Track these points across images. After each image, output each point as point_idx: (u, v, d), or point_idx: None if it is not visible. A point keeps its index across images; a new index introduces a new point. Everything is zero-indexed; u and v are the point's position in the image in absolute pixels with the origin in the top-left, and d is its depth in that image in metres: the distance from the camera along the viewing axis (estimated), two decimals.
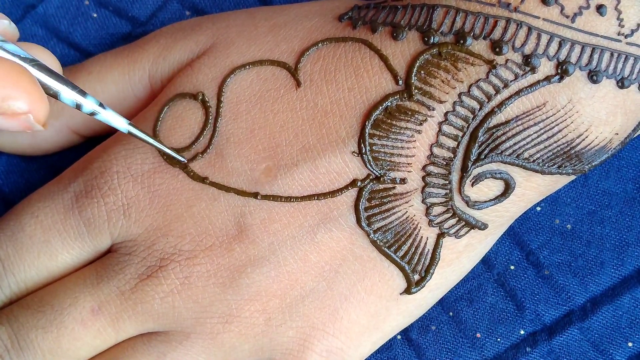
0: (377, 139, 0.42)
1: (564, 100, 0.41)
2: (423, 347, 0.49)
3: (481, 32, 0.41)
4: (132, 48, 0.49)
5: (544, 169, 0.43)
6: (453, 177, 0.43)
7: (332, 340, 0.45)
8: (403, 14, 0.43)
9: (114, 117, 0.41)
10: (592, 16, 0.40)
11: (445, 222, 0.44)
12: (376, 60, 0.43)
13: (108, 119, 0.41)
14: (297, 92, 0.44)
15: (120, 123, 0.42)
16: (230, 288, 0.43)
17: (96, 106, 0.41)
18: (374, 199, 0.43)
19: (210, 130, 0.45)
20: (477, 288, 0.50)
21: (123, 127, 0.42)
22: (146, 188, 0.44)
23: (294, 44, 0.45)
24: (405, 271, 0.44)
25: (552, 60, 0.41)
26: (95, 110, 0.40)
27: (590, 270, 0.49)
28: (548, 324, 0.49)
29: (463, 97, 0.42)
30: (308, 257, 0.43)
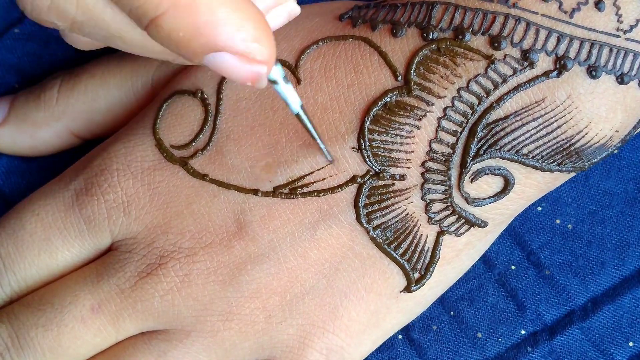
0: (376, 135, 0.42)
1: (563, 96, 0.41)
2: (424, 346, 0.49)
3: (480, 27, 0.41)
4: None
5: (543, 165, 0.43)
6: (452, 173, 0.43)
7: (332, 338, 0.44)
8: (402, 11, 0.43)
9: (291, 93, 0.38)
10: (591, 12, 0.40)
11: (444, 219, 0.44)
12: (376, 56, 0.43)
13: (285, 92, 0.38)
14: (297, 89, 0.44)
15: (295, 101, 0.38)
16: (230, 285, 0.43)
17: (280, 78, 0.37)
18: (373, 196, 0.43)
19: (209, 128, 0.45)
20: (478, 288, 0.49)
21: (295, 108, 0.39)
22: (146, 185, 0.45)
23: (294, 43, 0.45)
24: (405, 269, 0.44)
25: (551, 55, 0.41)
26: (276, 79, 0.37)
27: (591, 270, 0.49)
28: (549, 323, 0.49)
29: (462, 93, 0.42)
30: (308, 254, 0.43)
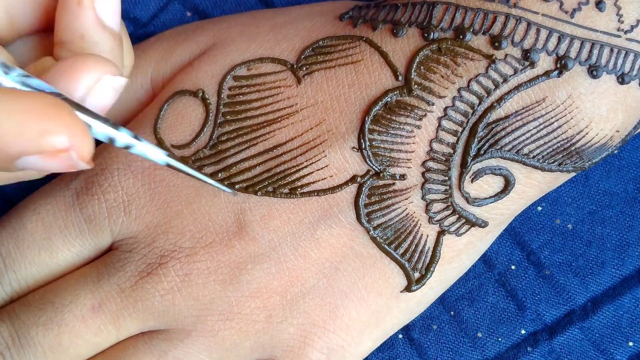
0: (376, 135, 0.42)
1: (564, 96, 0.41)
2: (424, 346, 0.49)
3: (480, 27, 0.41)
4: (134, 53, 0.49)
5: (544, 165, 0.43)
6: (452, 173, 0.43)
7: (333, 337, 0.44)
8: (403, 11, 0.43)
9: (150, 150, 0.37)
10: (591, 12, 0.40)
11: (445, 219, 0.44)
12: (376, 56, 0.43)
13: (144, 151, 0.37)
14: (297, 88, 0.44)
15: (158, 155, 0.37)
16: (230, 285, 0.43)
17: (131, 139, 0.36)
18: (373, 195, 0.43)
19: (210, 127, 0.45)
20: (478, 288, 0.50)
21: (161, 159, 0.37)
22: (147, 185, 0.45)
23: (294, 42, 0.45)
24: (405, 269, 0.44)
25: (552, 55, 0.41)
26: (129, 143, 0.36)
27: (591, 270, 0.49)
28: (549, 323, 0.49)
29: (462, 92, 0.42)
30: (308, 253, 0.43)
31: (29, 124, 0.32)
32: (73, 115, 0.33)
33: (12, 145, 0.32)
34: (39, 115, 0.32)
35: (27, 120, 0.32)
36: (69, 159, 0.33)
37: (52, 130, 0.32)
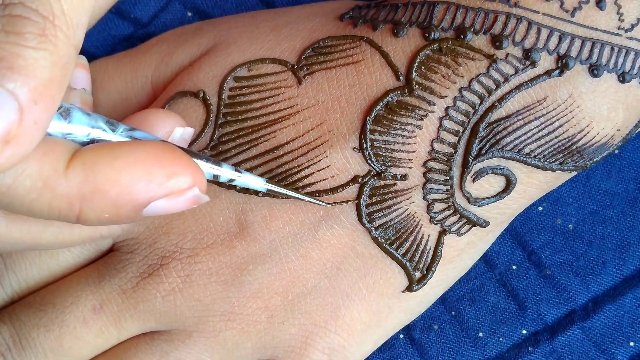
0: (378, 135, 0.42)
1: (565, 95, 0.41)
2: (426, 346, 0.49)
3: (481, 27, 0.41)
4: (134, 55, 0.50)
5: (545, 165, 0.43)
6: (454, 172, 0.43)
7: (334, 338, 0.44)
8: (404, 11, 0.43)
9: (251, 179, 0.40)
10: (592, 10, 0.40)
11: (446, 219, 0.44)
12: (377, 56, 0.43)
13: (246, 182, 0.40)
14: (298, 89, 0.44)
15: (259, 183, 0.40)
16: (232, 286, 0.43)
17: (234, 173, 0.39)
18: (375, 196, 0.43)
19: (211, 128, 0.45)
20: (479, 288, 0.49)
21: (262, 186, 0.40)
22: None
23: (295, 43, 0.45)
24: (406, 269, 0.44)
25: (553, 54, 0.41)
26: (232, 177, 0.39)
27: (592, 270, 0.49)
28: (550, 323, 0.49)
29: (464, 92, 0.42)
30: (310, 254, 0.43)
31: (155, 170, 0.34)
32: (188, 156, 0.35)
33: (142, 192, 0.34)
34: (162, 160, 0.34)
35: (153, 167, 0.34)
36: (194, 196, 0.36)
37: (177, 172, 0.35)
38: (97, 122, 0.36)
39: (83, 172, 0.34)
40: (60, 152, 0.34)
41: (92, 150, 0.34)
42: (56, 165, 0.34)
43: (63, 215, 0.34)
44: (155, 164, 0.34)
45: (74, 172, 0.34)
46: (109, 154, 0.34)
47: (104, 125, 0.36)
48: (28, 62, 0.31)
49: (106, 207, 0.34)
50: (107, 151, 0.34)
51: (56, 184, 0.34)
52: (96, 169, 0.34)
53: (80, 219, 0.35)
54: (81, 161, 0.34)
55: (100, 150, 0.34)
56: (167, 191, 0.35)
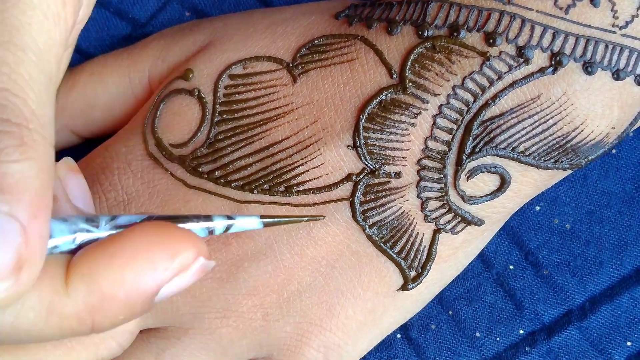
0: (371, 133, 0.43)
1: (559, 93, 0.41)
2: (423, 346, 0.49)
3: (475, 24, 0.41)
4: (132, 50, 0.50)
5: (539, 163, 0.43)
6: (448, 171, 0.43)
7: (329, 336, 0.44)
8: (398, 9, 0.44)
9: (246, 222, 0.38)
10: (586, 8, 0.40)
11: (441, 217, 0.44)
12: (371, 55, 0.43)
13: (243, 226, 0.38)
14: (293, 87, 0.44)
15: (253, 223, 0.38)
16: (227, 283, 0.43)
17: (228, 221, 0.37)
18: (369, 194, 0.43)
19: (207, 126, 0.45)
20: (476, 287, 0.49)
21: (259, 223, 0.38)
22: (146, 183, 0.45)
23: (290, 41, 0.45)
24: (401, 267, 0.44)
25: (546, 52, 0.41)
26: (228, 225, 0.37)
27: (589, 269, 0.49)
28: (547, 323, 0.49)
29: (457, 90, 0.42)
30: (304, 251, 0.43)
31: (156, 256, 0.33)
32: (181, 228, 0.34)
33: (150, 283, 0.33)
34: (160, 243, 0.33)
35: (153, 254, 0.33)
36: (201, 265, 0.34)
37: (178, 250, 0.33)
38: (77, 225, 0.34)
39: (85, 285, 0.32)
40: (54, 271, 0.32)
41: (85, 258, 0.33)
42: (55, 287, 0.32)
43: (76, 332, 0.33)
44: (154, 249, 0.33)
45: (76, 288, 0.32)
46: (104, 256, 0.33)
47: (86, 225, 0.34)
48: (16, 178, 0.29)
49: (118, 309, 0.33)
50: (101, 254, 0.33)
51: (61, 306, 0.32)
52: (97, 277, 0.32)
53: (95, 329, 0.33)
54: (79, 274, 0.32)
55: (94, 255, 0.33)
56: (175, 272, 0.33)
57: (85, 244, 0.34)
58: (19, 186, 0.29)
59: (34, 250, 0.30)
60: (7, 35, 0.31)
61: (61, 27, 0.33)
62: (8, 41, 0.31)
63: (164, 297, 0.34)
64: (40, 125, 0.31)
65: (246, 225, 0.38)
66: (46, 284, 0.32)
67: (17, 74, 0.31)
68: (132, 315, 0.34)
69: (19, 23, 0.32)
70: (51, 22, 0.33)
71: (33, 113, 0.31)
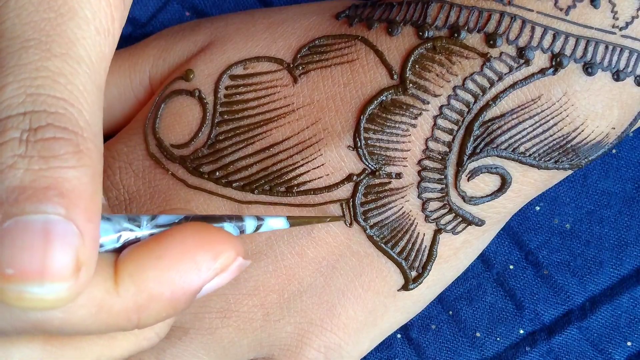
0: (372, 133, 0.43)
1: (559, 93, 0.41)
2: (423, 346, 0.49)
3: (475, 25, 0.41)
4: (132, 51, 0.50)
5: (540, 163, 0.43)
6: (449, 171, 0.43)
7: (330, 336, 0.45)
8: (398, 10, 0.44)
9: (274, 222, 0.39)
10: (586, 9, 0.40)
11: (441, 217, 0.44)
12: (372, 55, 0.43)
13: (271, 225, 0.39)
14: (293, 88, 0.44)
15: (281, 223, 0.40)
16: (228, 283, 0.43)
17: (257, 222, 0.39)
18: (370, 194, 0.43)
19: (208, 127, 0.45)
20: (476, 287, 0.49)
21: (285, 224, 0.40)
22: (147, 183, 0.45)
23: (291, 41, 0.45)
24: (402, 267, 0.44)
25: (547, 53, 0.41)
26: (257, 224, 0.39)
27: (589, 269, 0.49)
28: (547, 323, 0.49)
29: (458, 91, 0.42)
30: (305, 252, 0.43)
31: (200, 257, 0.34)
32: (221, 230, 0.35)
33: (194, 282, 0.34)
34: (203, 245, 0.34)
35: (197, 255, 0.34)
36: (240, 265, 0.35)
37: (220, 251, 0.34)
38: (121, 225, 0.35)
39: (134, 285, 0.33)
40: (103, 270, 0.33)
41: (133, 258, 0.34)
42: (106, 286, 0.33)
43: (122, 328, 0.34)
44: (198, 251, 0.34)
45: (125, 287, 0.33)
46: (151, 256, 0.34)
47: (129, 225, 0.35)
48: (73, 183, 0.31)
49: (163, 307, 0.34)
50: (148, 254, 0.34)
51: (111, 304, 0.33)
52: (145, 277, 0.33)
53: (139, 326, 0.34)
54: (128, 273, 0.33)
55: (141, 255, 0.34)
56: (217, 272, 0.34)
57: (128, 243, 0.35)
58: (75, 191, 0.31)
59: (90, 252, 0.31)
60: (65, 48, 0.32)
61: (110, 41, 0.35)
62: (65, 53, 0.32)
63: (204, 294, 0.35)
64: (93, 134, 0.32)
65: (274, 224, 0.39)
66: (97, 282, 0.33)
67: (72, 85, 0.32)
68: (175, 313, 0.35)
69: (74, 37, 0.33)
70: (102, 36, 0.34)
71: (87, 122, 0.32)
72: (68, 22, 0.33)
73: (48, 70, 0.32)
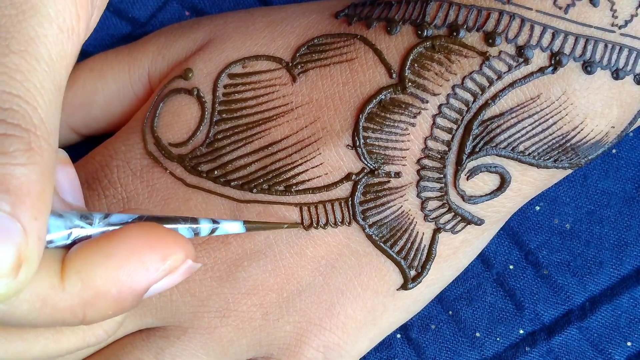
0: (371, 132, 0.42)
1: (558, 92, 0.41)
2: (423, 346, 0.49)
3: (474, 24, 0.41)
4: (132, 47, 0.50)
5: (539, 162, 0.43)
6: (448, 170, 0.43)
7: (329, 336, 0.44)
8: (397, 9, 0.44)
9: (229, 226, 0.40)
10: (585, 7, 0.40)
11: (440, 217, 0.44)
12: (370, 54, 0.43)
13: (226, 229, 0.39)
14: (292, 87, 0.44)
15: (237, 227, 0.40)
16: (227, 282, 0.44)
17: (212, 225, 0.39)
18: (368, 193, 0.43)
19: (206, 125, 0.45)
20: (476, 287, 0.49)
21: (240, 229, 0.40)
22: (145, 182, 0.45)
23: (290, 40, 0.45)
24: (401, 266, 0.44)
25: (546, 52, 0.41)
26: (212, 227, 0.39)
27: (589, 269, 0.49)
28: (547, 323, 0.49)
29: (457, 90, 0.42)
30: (304, 251, 0.43)
31: (149, 257, 0.34)
32: (172, 231, 0.35)
33: (141, 282, 0.34)
34: (152, 245, 0.35)
35: (146, 255, 0.34)
36: (189, 267, 0.36)
37: (169, 253, 0.35)
38: (72, 222, 0.35)
39: (80, 281, 0.34)
40: (50, 265, 0.34)
41: (81, 255, 0.34)
42: (51, 281, 0.33)
43: (67, 323, 0.35)
44: (146, 251, 0.34)
45: (71, 283, 0.34)
46: (100, 254, 0.34)
47: (80, 222, 0.35)
48: (21, 180, 0.31)
49: (109, 305, 0.34)
50: (97, 252, 0.34)
51: (56, 300, 0.33)
52: (92, 274, 0.34)
53: (84, 322, 0.35)
54: (75, 270, 0.34)
55: (89, 252, 0.34)
56: (165, 273, 0.35)
57: (79, 240, 0.35)
58: (23, 189, 0.31)
59: (33, 250, 0.31)
60: (24, 45, 0.32)
61: (74, 40, 0.35)
62: (24, 50, 0.32)
63: (152, 294, 0.35)
64: (47, 133, 0.32)
65: (229, 229, 0.39)
66: (42, 277, 0.33)
67: (29, 82, 0.32)
68: (121, 311, 0.35)
69: (35, 34, 0.33)
70: (65, 35, 0.34)
71: (42, 121, 0.32)
72: (29, 19, 0.33)
73: (5, 66, 0.32)
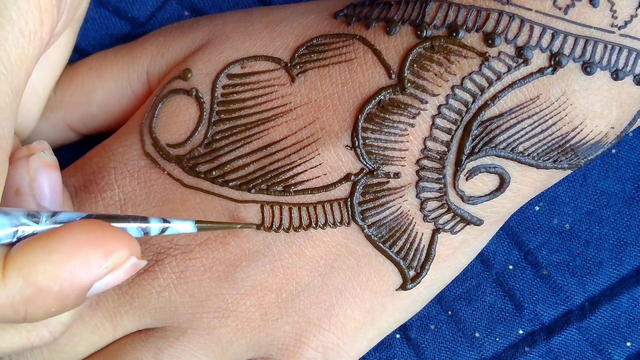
0: (370, 133, 0.42)
1: (558, 93, 0.41)
2: (422, 346, 0.49)
3: (474, 24, 0.41)
4: (131, 46, 0.50)
5: (539, 163, 0.42)
6: (447, 171, 0.43)
7: (328, 336, 0.44)
8: (396, 9, 0.43)
9: (180, 225, 0.39)
10: (585, 8, 0.40)
11: (440, 217, 0.43)
12: (370, 54, 0.43)
13: (177, 228, 0.39)
14: (291, 87, 0.44)
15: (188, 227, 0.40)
16: (225, 282, 0.43)
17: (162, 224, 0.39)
18: (367, 194, 0.43)
19: (205, 126, 0.45)
20: (475, 287, 0.49)
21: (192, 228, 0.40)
22: (142, 183, 0.45)
23: (289, 40, 0.45)
24: (400, 267, 0.44)
25: (545, 52, 0.41)
26: (162, 227, 0.39)
27: (589, 270, 0.49)
28: (546, 323, 0.49)
29: (456, 90, 0.42)
30: (303, 251, 0.43)
31: (92, 254, 0.34)
32: (117, 228, 0.35)
33: (84, 279, 0.34)
34: (96, 241, 0.35)
35: (89, 251, 0.34)
36: (133, 265, 0.36)
37: (112, 249, 0.35)
38: (18, 220, 0.35)
39: (21, 278, 0.34)
40: None
41: (23, 252, 0.34)
42: None
43: (9, 320, 0.35)
44: (90, 247, 0.34)
45: (12, 280, 0.34)
46: (42, 250, 0.34)
47: (26, 220, 0.35)
48: None
49: (52, 302, 0.34)
50: (39, 248, 0.34)
51: None
52: (34, 271, 0.34)
53: (27, 319, 0.35)
54: (16, 266, 0.34)
55: (31, 249, 0.34)
56: (108, 270, 0.35)
57: (24, 238, 0.35)
58: None
59: None
60: None
61: (36, 44, 0.35)
62: None
63: (96, 292, 0.35)
64: None
65: (180, 228, 0.39)
66: None
67: None
68: (65, 308, 0.35)
69: None
70: (27, 39, 0.34)
71: None
72: None
73: None
